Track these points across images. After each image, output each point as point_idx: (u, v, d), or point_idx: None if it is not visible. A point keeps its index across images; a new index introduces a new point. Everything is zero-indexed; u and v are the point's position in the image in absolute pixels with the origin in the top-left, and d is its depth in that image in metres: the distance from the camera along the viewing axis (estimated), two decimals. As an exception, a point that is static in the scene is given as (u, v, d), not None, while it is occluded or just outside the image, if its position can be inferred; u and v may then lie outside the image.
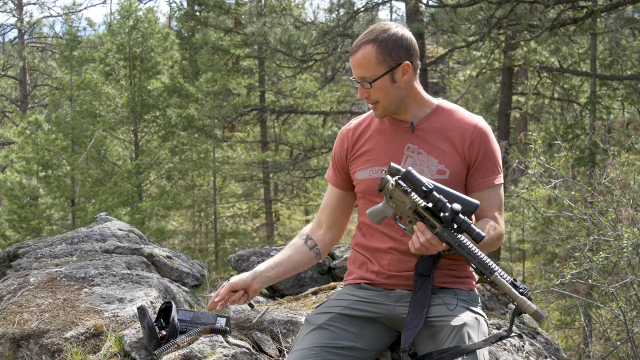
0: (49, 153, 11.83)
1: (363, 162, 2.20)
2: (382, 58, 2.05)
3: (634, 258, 4.39)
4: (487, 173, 2.13)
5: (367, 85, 2.07)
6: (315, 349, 1.95)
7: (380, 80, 2.06)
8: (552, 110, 15.10)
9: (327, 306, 2.14)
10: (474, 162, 2.13)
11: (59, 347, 2.40)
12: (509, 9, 8.94)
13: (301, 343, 2.01)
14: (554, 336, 6.23)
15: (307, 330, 2.05)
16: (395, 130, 2.17)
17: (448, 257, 2.15)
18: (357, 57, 2.07)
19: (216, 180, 15.67)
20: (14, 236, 12.15)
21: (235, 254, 3.82)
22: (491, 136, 2.16)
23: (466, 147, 2.11)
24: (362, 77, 2.08)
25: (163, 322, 2.34)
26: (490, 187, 2.14)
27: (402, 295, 2.11)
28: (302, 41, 12.12)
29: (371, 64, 2.05)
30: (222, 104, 15.30)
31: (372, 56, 2.05)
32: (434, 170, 2.11)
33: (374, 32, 2.07)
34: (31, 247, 3.57)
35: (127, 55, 14.74)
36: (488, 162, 2.13)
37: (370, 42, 2.05)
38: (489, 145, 2.14)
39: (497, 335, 1.93)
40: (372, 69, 2.06)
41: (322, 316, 2.08)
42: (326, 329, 2.03)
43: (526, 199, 5.58)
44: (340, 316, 2.07)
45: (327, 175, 2.36)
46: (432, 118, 2.16)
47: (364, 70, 2.07)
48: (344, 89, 19.33)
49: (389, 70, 2.06)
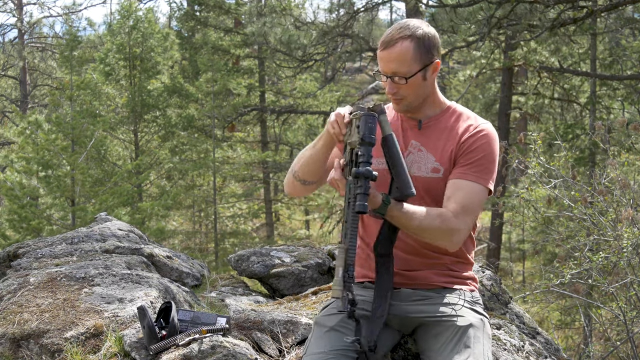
0: (49, 153, 11.83)
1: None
2: (419, 55, 2.03)
3: (634, 258, 4.39)
4: (467, 166, 2.06)
5: (402, 81, 2.04)
6: (333, 352, 1.92)
7: (415, 77, 2.04)
8: (552, 110, 15.10)
9: (336, 307, 2.10)
10: (461, 154, 2.08)
11: (59, 347, 2.40)
12: (509, 9, 8.93)
13: (317, 346, 1.97)
14: (554, 336, 6.22)
15: (321, 333, 2.02)
16: (404, 126, 2.18)
17: (449, 256, 2.15)
18: (395, 51, 2.02)
19: (216, 180, 15.67)
20: (14, 236, 12.14)
21: (235, 254, 3.82)
22: (492, 140, 2.09)
23: (459, 143, 2.09)
24: (396, 72, 2.04)
25: (163, 322, 2.34)
26: (463, 180, 2.05)
27: (407, 294, 2.11)
28: (302, 41, 12.11)
29: (408, 59, 2.02)
30: (222, 104, 15.30)
31: (410, 52, 2.02)
32: (429, 168, 2.11)
33: (410, 28, 2.03)
34: (31, 247, 3.57)
35: (127, 55, 14.73)
36: (475, 157, 2.06)
37: (408, 38, 2.02)
38: (484, 144, 2.07)
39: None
40: (409, 65, 2.02)
41: (333, 318, 2.05)
42: (339, 331, 2.00)
43: (526, 199, 5.58)
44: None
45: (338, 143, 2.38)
46: (441, 118, 2.15)
47: (400, 65, 2.03)
48: (344, 89, 19.34)
49: (423, 67, 2.04)
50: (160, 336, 2.25)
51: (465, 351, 1.92)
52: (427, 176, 2.10)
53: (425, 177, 2.11)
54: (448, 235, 2.01)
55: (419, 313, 2.09)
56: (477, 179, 2.05)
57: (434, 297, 2.10)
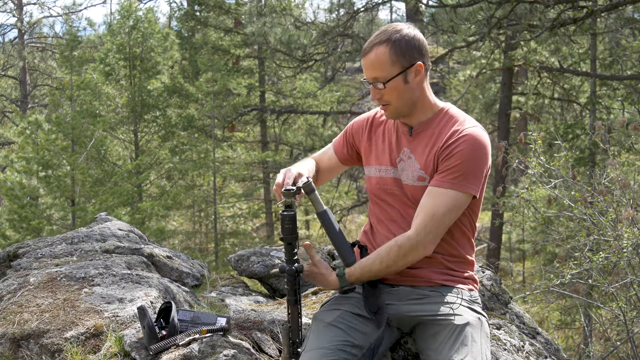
0: (49, 153, 11.82)
1: (371, 157, 2.25)
2: (395, 58, 2.03)
3: (634, 258, 4.38)
4: (444, 173, 2.04)
5: (381, 86, 2.05)
6: (332, 348, 1.93)
7: (393, 80, 2.04)
8: (552, 110, 15.10)
9: (335, 303, 2.13)
10: (441, 161, 2.06)
11: (59, 347, 2.40)
12: (509, 9, 8.93)
13: (317, 341, 1.98)
14: (554, 336, 6.23)
15: (320, 328, 2.03)
16: (399, 133, 2.19)
17: (448, 255, 2.16)
18: (370, 57, 2.05)
19: (216, 180, 15.67)
20: (14, 236, 12.14)
21: (235, 254, 3.82)
22: (474, 145, 2.03)
23: (440, 149, 2.06)
24: (375, 78, 2.06)
25: (163, 322, 2.34)
26: (439, 188, 2.03)
27: (406, 292, 2.12)
28: (302, 41, 12.11)
29: (385, 64, 2.03)
30: (222, 104, 15.29)
31: (386, 56, 2.03)
32: (415, 176, 2.11)
33: (386, 33, 2.04)
34: (31, 247, 3.56)
35: (127, 55, 14.73)
36: (453, 164, 2.02)
37: (383, 43, 2.03)
38: (463, 150, 2.02)
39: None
40: (386, 70, 2.03)
41: (331, 313, 2.07)
42: (337, 326, 2.01)
43: (526, 199, 5.57)
44: (349, 314, 2.06)
45: (335, 141, 2.42)
46: (431, 123, 2.14)
47: (377, 70, 2.04)
48: (344, 89, 19.33)
49: (402, 70, 2.04)
50: (160, 336, 2.25)
51: (463, 350, 1.92)
52: (413, 184, 2.11)
53: (412, 185, 2.12)
54: (413, 252, 2.04)
55: (417, 312, 2.09)
56: (453, 186, 2.02)
57: (432, 296, 2.11)
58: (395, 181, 2.16)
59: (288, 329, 2.06)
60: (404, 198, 2.14)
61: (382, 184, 2.19)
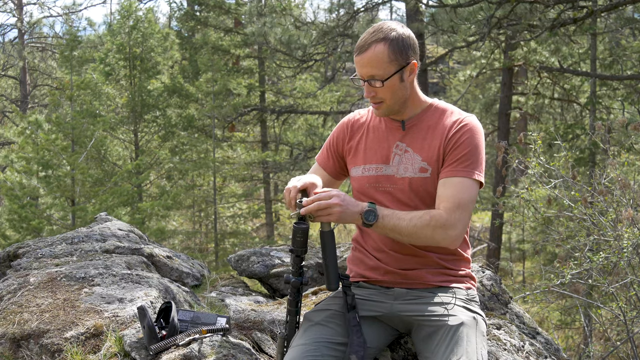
0: (49, 153, 11.83)
1: (357, 158, 2.23)
2: (394, 57, 2.03)
3: (634, 258, 4.39)
4: (455, 163, 2.06)
5: (378, 84, 2.05)
6: (315, 344, 1.94)
7: (391, 79, 2.05)
8: (552, 110, 15.09)
9: (326, 304, 2.14)
10: (448, 151, 2.08)
11: (59, 347, 2.40)
12: (509, 9, 8.94)
13: (300, 339, 1.99)
14: (554, 336, 6.23)
15: (306, 327, 2.04)
16: (388, 128, 2.19)
17: (443, 254, 2.15)
18: (368, 55, 2.03)
19: (216, 180, 15.66)
20: (14, 236, 12.14)
21: (235, 254, 3.82)
22: (476, 133, 2.09)
23: (445, 141, 2.09)
24: (372, 76, 2.05)
25: (163, 322, 2.34)
26: (454, 177, 2.05)
27: (401, 294, 2.12)
28: (302, 41, 12.11)
29: (383, 62, 2.03)
30: (222, 104, 15.28)
31: (385, 55, 2.02)
32: (416, 168, 2.11)
33: (383, 31, 2.04)
34: (31, 247, 3.57)
35: (127, 55, 14.73)
36: (462, 153, 2.06)
37: (381, 41, 2.03)
38: (468, 138, 2.07)
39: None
40: (384, 68, 2.03)
41: (320, 313, 2.08)
42: (325, 325, 2.02)
43: (526, 199, 5.57)
44: (339, 314, 2.06)
45: (318, 156, 2.37)
46: (423, 116, 2.16)
47: (375, 68, 2.04)
48: (344, 89, 19.32)
49: (399, 69, 2.05)
50: (160, 336, 2.25)
51: (458, 351, 1.92)
52: (415, 176, 2.11)
53: (413, 177, 2.11)
54: (442, 230, 1.98)
55: (412, 312, 2.09)
56: (467, 174, 2.05)
57: (427, 297, 2.11)
58: (387, 178, 2.15)
59: (284, 338, 2.04)
60: (399, 194, 2.13)
61: (373, 182, 2.17)
